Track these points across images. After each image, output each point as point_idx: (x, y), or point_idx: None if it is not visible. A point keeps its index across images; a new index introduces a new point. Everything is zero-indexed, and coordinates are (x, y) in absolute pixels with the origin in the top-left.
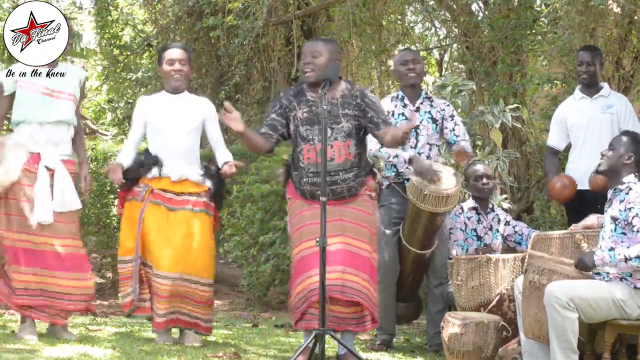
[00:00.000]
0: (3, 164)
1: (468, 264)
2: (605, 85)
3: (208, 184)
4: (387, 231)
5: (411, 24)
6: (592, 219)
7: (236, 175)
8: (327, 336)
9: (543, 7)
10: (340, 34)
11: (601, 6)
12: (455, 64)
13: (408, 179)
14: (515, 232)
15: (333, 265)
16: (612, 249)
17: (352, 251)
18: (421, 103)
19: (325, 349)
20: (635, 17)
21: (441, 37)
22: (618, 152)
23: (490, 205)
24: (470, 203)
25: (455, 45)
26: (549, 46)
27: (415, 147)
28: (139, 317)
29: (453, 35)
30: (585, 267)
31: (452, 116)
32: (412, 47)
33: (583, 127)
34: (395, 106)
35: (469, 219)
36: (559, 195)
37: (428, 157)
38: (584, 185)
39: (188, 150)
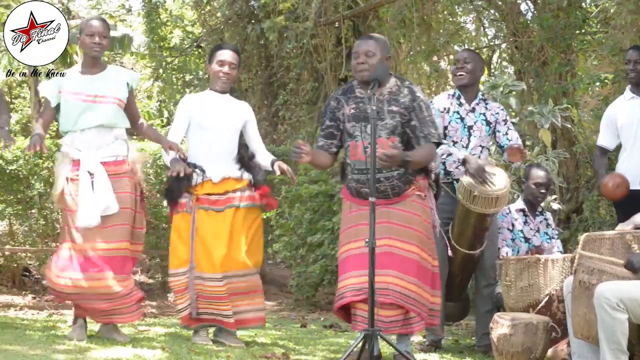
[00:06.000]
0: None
1: (517, 264)
2: None
3: (247, 176)
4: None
5: (461, 24)
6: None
7: (284, 175)
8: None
9: (593, 6)
10: (391, 34)
11: None
12: (504, 63)
13: (457, 179)
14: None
15: (378, 268)
16: None
17: (398, 254)
18: (477, 104)
19: (379, 349)
20: None
21: (490, 37)
22: None
23: (540, 209)
24: (518, 205)
25: (504, 45)
26: (599, 46)
27: (467, 147)
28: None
29: (502, 35)
30: (633, 269)
31: (505, 120)
32: (464, 48)
33: (633, 127)
34: (451, 104)
35: (515, 220)
36: (612, 194)
37: (478, 158)
38: (634, 185)
39: (230, 150)
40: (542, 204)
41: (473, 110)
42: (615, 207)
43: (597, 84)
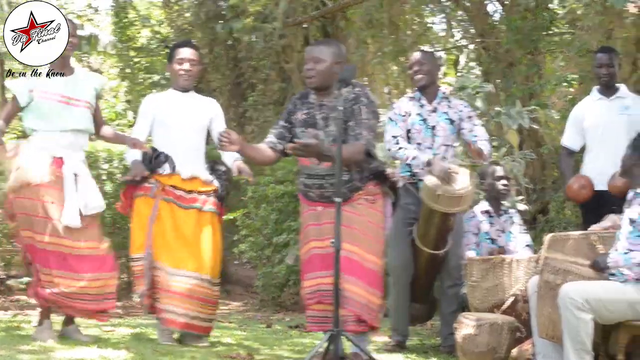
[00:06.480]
0: (19, 166)
1: (482, 264)
2: (623, 86)
3: (216, 183)
4: (401, 232)
5: (428, 25)
6: (611, 220)
7: (243, 176)
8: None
9: (560, 7)
10: (359, 35)
11: (620, 7)
12: (472, 64)
13: (422, 180)
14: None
15: (326, 270)
16: (627, 252)
17: (341, 255)
18: (438, 103)
19: (342, 349)
20: None
21: (457, 38)
22: (632, 154)
23: (504, 208)
24: (482, 206)
25: (471, 46)
26: (566, 47)
27: (432, 147)
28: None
29: (470, 36)
30: (599, 269)
31: (470, 117)
32: (429, 48)
33: (600, 129)
34: (413, 106)
35: (481, 222)
36: (577, 196)
37: (444, 158)
38: (600, 186)
39: (195, 149)
40: (507, 203)
41: (435, 110)
42: (580, 208)
43: (564, 84)
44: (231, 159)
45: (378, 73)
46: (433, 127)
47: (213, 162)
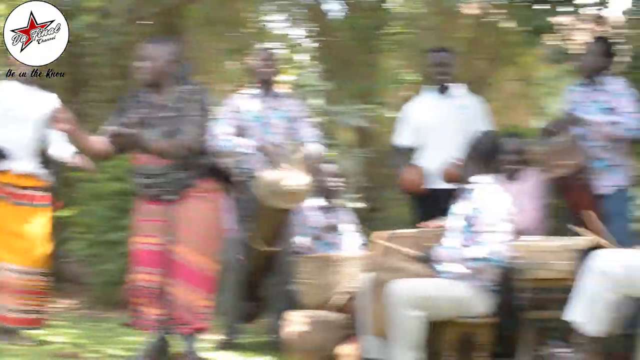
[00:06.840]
0: None
1: (314, 262)
2: (458, 85)
3: (49, 178)
4: (234, 229)
5: (267, 22)
6: (441, 220)
7: (84, 171)
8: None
9: (399, 7)
10: (197, 33)
11: (456, 8)
12: (312, 62)
13: (256, 176)
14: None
15: (151, 267)
16: (454, 247)
17: (165, 255)
18: (276, 101)
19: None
20: (489, 19)
21: (297, 36)
22: (465, 153)
23: (336, 205)
24: (314, 202)
25: (310, 45)
26: (403, 46)
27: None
28: None
29: (309, 34)
30: (427, 262)
31: (303, 116)
32: (270, 46)
33: (435, 127)
34: (248, 102)
35: (312, 217)
36: (410, 186)
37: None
38: (434, 184)
39: (32, 144)
40: (341, 201)
41: (272, 107)
42: (414, 205)
43: (401, 83)
44: (69, 153)
45: (217, 71)
46: (269, 124)
47: (45, 156)
